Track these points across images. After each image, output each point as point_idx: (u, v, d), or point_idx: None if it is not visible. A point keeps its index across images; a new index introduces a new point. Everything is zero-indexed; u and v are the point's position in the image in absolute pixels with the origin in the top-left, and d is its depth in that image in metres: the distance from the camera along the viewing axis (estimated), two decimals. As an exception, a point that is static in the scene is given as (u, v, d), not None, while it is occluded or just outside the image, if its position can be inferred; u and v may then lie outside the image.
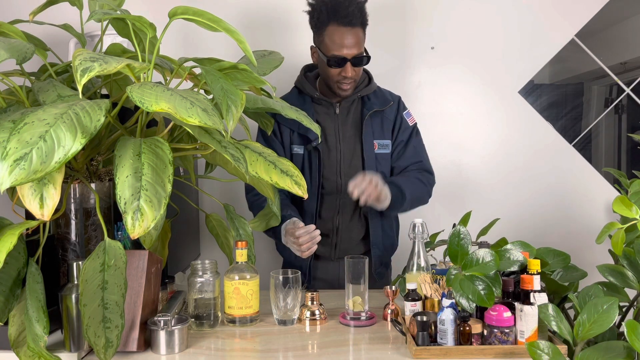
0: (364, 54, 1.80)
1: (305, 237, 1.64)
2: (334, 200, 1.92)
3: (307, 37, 1.93)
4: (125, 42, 1.69)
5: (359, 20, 1.76)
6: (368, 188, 1.66)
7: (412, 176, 1.89)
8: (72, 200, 1.34)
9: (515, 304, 1.26)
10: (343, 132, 1.91)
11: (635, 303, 1.46)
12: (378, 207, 1.75)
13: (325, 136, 1.90)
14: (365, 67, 1.88)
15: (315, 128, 1.52)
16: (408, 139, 1.95)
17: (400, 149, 1.94)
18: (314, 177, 1.88)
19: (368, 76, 1.95)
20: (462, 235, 1.36)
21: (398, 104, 1.97)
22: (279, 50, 1.77)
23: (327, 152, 1.90)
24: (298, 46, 2.28)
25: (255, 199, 1.90)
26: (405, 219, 1.94)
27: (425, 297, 1.43)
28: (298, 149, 1.90)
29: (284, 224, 1.74)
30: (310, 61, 1.97)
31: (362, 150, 1.90)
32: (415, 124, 1.98)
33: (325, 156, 1.89)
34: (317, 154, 1.87)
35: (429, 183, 1.93)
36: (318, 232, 1.66)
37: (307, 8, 1.83)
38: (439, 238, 1.86)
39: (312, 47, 1.89)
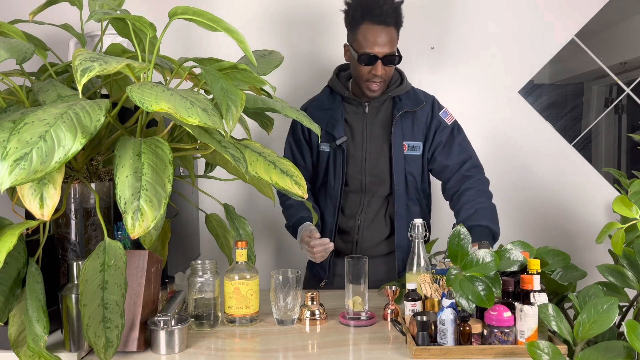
0: (396, 54, 1.80)
1: (319, 249, 1.72)
2: (358, 199, 1.94)
3: (342, 38, 1.92)
4: (125, 42, 1.69)
5: (392, 19, 1.76)
6: None
7: (477, 200, 1.82)
8: (72, 200, 1.33)
9: (515, 304, 1.26)
10: (371, 131, 1.91)
11: (635, 303, 1.46)
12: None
13: (353, 135, 1.91)
14: (389, 66, 1.83)
15: (315, 128, 1.52)
16: (450, 138, 1.91)
17: (441, 149, 1.91)
18: (338, 175, 1.90)
19: (401, 76, 1.94)
20: (462, 236, 1.36)
21: (432, 105, 1.93)
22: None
23: (353, 150, 1.91)
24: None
25: (285, 204, 1.97)
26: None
27: (425, 297, 1.43)
28: (324, 147, 1.93)
29: (300, 227, 1.83)
30: (343, 61, 1.97)
31: (390, 151, 1.89)
32: (455, 120, 1.94)
33: (350, 155, 1.90)
34: (342, 152, 1.89)
35: (488, 186, 1.90)
36: (332, 245, 1.74)
37: (344, 7, 1.83)
38: (434, 247, 1.85)
39: (345, 45, 1.89)
